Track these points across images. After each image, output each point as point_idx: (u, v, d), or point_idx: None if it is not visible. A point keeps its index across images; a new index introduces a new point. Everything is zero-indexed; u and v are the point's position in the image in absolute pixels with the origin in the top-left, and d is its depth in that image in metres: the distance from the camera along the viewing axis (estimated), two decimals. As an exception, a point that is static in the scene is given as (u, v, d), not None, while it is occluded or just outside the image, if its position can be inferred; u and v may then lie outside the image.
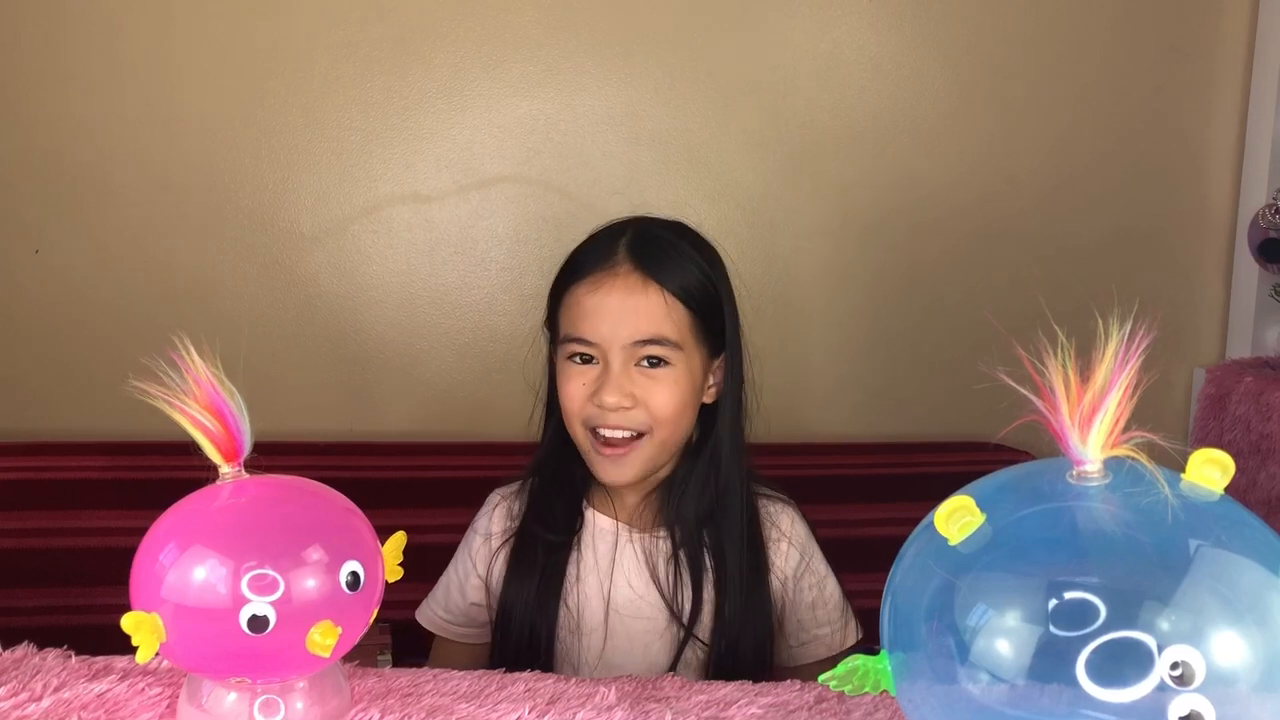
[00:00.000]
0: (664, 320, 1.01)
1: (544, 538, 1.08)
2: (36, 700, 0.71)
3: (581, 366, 1.03)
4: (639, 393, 1.01)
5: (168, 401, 0.67)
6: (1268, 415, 1.43)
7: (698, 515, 1.07)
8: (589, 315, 1.02)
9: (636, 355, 1.01)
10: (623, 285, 1.01)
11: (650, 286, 1.01)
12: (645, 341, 1.01)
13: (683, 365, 1.03)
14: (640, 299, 1.01)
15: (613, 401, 1.00)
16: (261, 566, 0.64)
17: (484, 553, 1.12)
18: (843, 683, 0.55)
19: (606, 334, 1.01)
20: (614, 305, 1.01)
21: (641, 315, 1.01)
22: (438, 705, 0.73)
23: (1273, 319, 1.72)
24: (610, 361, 1.01)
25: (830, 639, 1.12)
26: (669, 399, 1.02)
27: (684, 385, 1.03)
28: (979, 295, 1.77)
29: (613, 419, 1.01)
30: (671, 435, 1.04)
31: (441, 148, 1.72)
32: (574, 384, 1.03)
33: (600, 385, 1.01)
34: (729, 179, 1.74)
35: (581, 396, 1.02)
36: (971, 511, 0.52)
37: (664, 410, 1.02)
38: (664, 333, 1.01)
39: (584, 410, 1.03)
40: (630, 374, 1.01)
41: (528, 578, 1.07)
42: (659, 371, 1.02)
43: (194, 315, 1.71)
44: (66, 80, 1.66)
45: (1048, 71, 1.75)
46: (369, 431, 1.75)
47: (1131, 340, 0.52)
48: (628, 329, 1.01)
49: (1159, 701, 0.45)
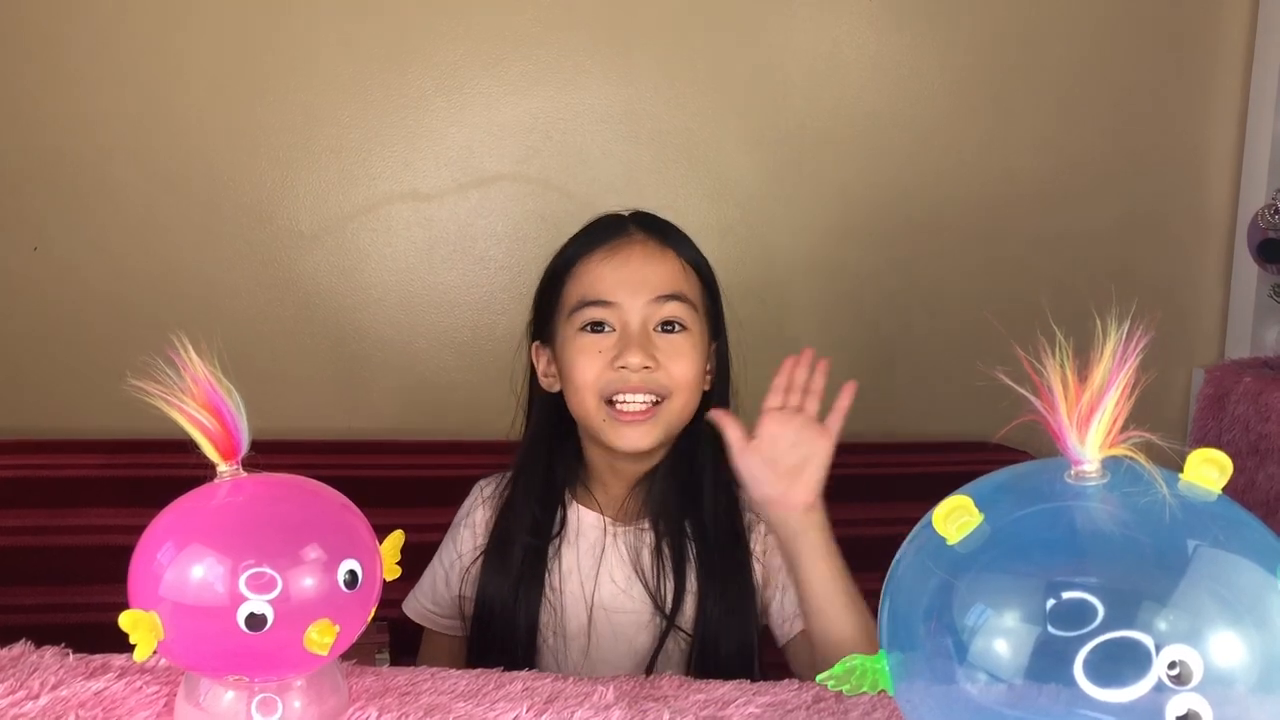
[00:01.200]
0: (682, 280, 1.04)
1: (522, 539, 1.07)
2: (34, 698, 0.71)
3: (595, 336, 1.02)
4: (660, 356, 1.01)
5: (166, 400, 0.67)
6: (1266, 415, 1.43)
7: (679, 504, 1.07)
8: (607, 277, 1.02)
9: (656, 316, 1.02)
10: (641, 250, 1.04)
11: (667, 251, 1.05)
12: (667, 297, 1.02)
13: (697, 332, 1.04)
14: (659, 261, 1.04)
15: (637, 361, 1.00)
16: (259, 565, 0.64)
17: (468, 545, 1.12)
18: (840, 682, 0.55)
19: (627, 294, 1.01)
20: (635, 265, 1.03)
21: (662, 273, 1.03)
22: (435, 704, 0.73)
23: (1272, 319, 1.72)
24: (629, 322, 1.01)
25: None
26: (688, 364, 1.03)
27: (699, 354, 1.04)
28: (978, 294, 1.77)
29: (635, 380, 1.01)
30: (686, 404, 1.04)
31: (440, 146, 1.72)
32: (588, 354, 1.02)
33: (622, 349, 1.00)
34: (728, 177, 1.74)
35: (598, 366, 1.01)
36: (970, 511, 0.52)
37: (684, 375, 1.02)
38: (681, 289, 1.03)
39: (601, 379, 1.01)
40: (650, 335, 1.02)
41: (506, 574, 1.07)
42: (677, 337, 1.03)
43: (193, 313, 1.71)
44: (66, 78, 1.66)
45: (1047, 71, 1.75)
46: (367, 430, 1.75)
47: (1130, 340, 0.52)
48: (650, 287, 1.02)
49: (1157, 701, 0.45)
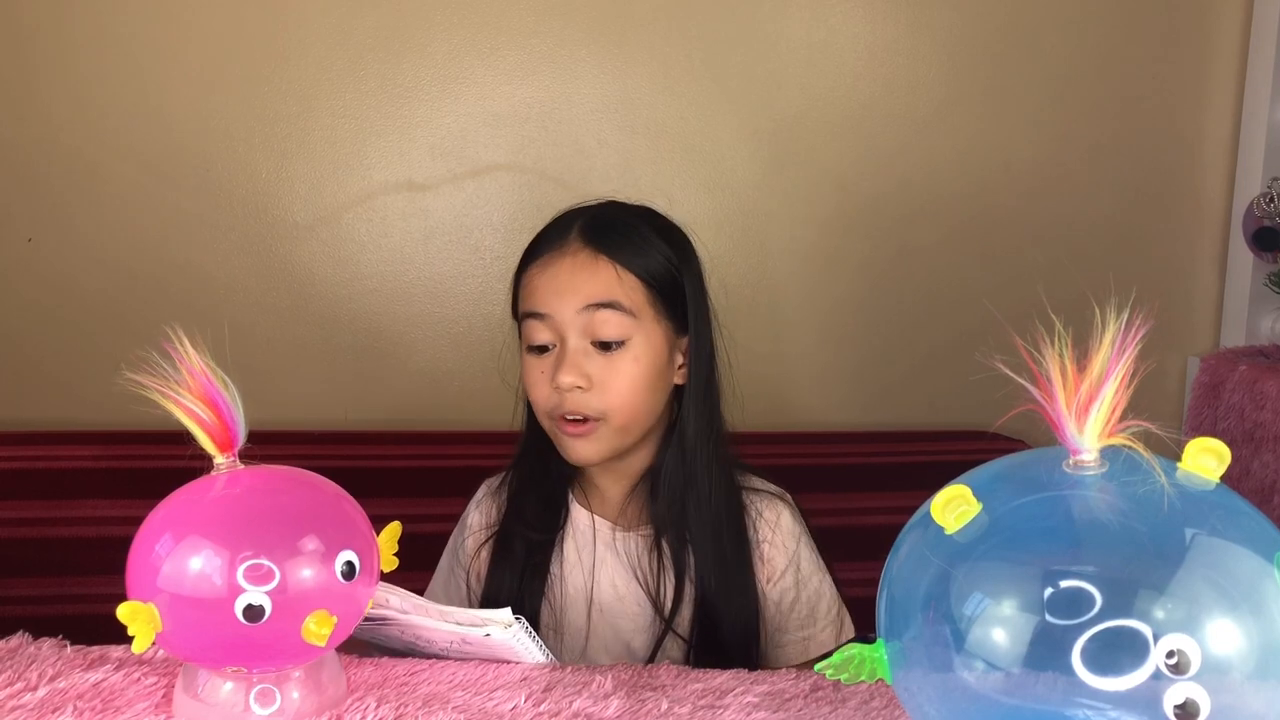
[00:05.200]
0: (615, 287, 0.99)
1: (524, 535, 1.06)
2: (32, 690, 0.71)
3: (539, 357, 1.01)
4: (595, 374, 0.98)
5: (161, 392, 0.67)
6: (1261, 404, 1.43)
7: (679, 506, 1.04)
8: (540, 289, 1.00)
9: (591, 327, 0.99)
10: (571, 261, 1.00)
11: (600, 260, 1.00)
12: (597, 305, 0.98)
13: (641, 339, 1.00)
14: (590, 270, 1.00)
15: (568, 381, 0.97)
16: (257, 556, 0.64)
17: (469, 544, 1.11)
18: (839, 671, 0.56)
19: (557, 304, 0.99)
20: (565, 276, 1.00)
21: (593, 283, 0.99)
22: (434, 694, 0.73)
23: (1267, 308, 1.72)
24: (565, 336, 0.99)
25: (802, 645, 1.08)
26: (627, 380, 0.99)
27: (644, 362, 1.00)
28: (974, 283, 1.77)
29: (569, 401, 0.99)
30: (633, 419, 1.01)
31: (436, 136, 1.71)
32: (533, 373, 1.01)
33: (555, 368, 0.99)
34: (723, 167, 1.74)
35: (544, 384, 1.00)
36: (968, 500, 0.52)
37: (620, 395, 0.99)
38: (615, 297, 0.99)
39: (548, 400, 1.00)
40: (587, 351, 0.99)
41: (509, 574, 1.06)
42: (615, 355, 0.99)
43: (188, 304, 1.70)
44: (61, 69, 1.65)
45: (1042, 59, 1.75)
46: (364, 421, 1.75)
47: (1128, 329, 0.51)
48: (579, 296, 0.98)
49: (1154, 690, 0.45)
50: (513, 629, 0.77)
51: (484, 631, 0.77)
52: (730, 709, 0.71)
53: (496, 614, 0.77)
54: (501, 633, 0.77)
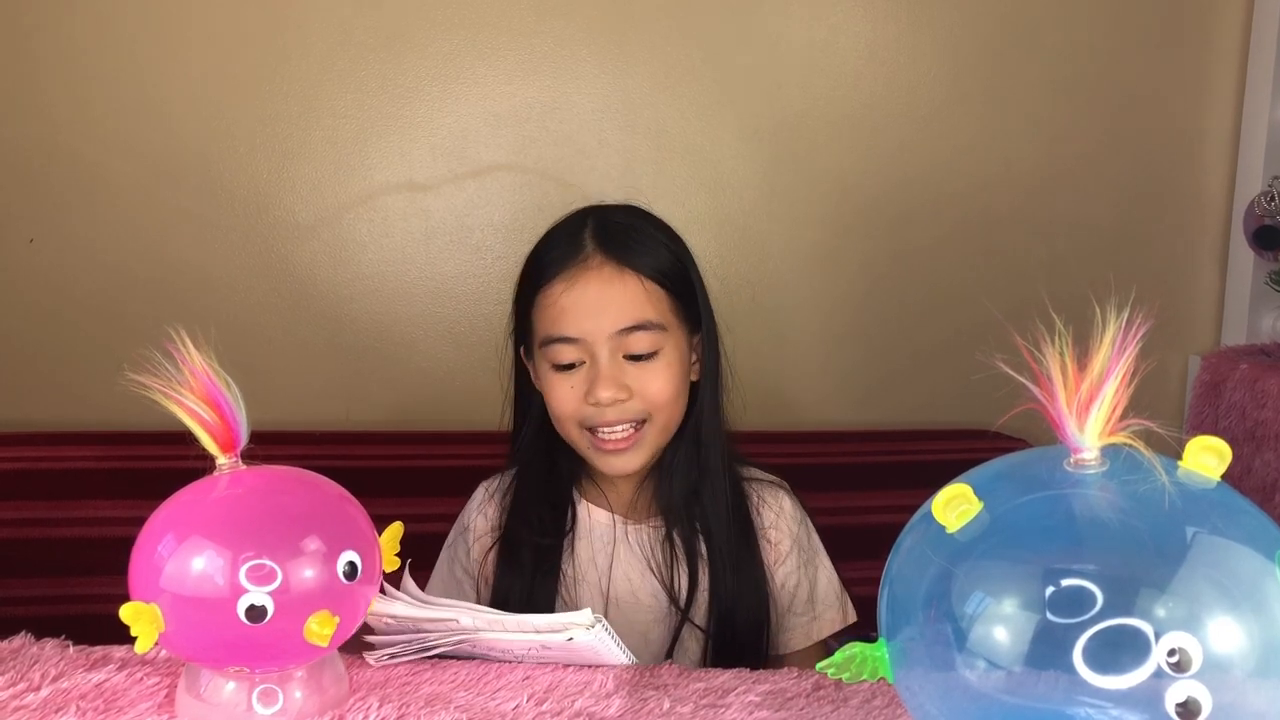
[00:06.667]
0: (645, 304, 1.00)
1: (532, 540, 1.06)
2: (35, 690, 0.71)
3: (567, 373, 1.00)
4: (632, 383, 0.99)
5: (164, 393, 0.67)
6: (1262, 402, 1.43)
7: (685, 495, 1.06)
8: (568, 312, 0.99)
9: (623, 346, 0.99)
10: (597, 277, 0.99)
11: (626, 274, 1.00)
12: (630, 329, 0.99)
13: (671, 347, 1.01)
14: (618, 288, 0.99)
15: (608, 396, 0.98)
16: (259, 557, 0.64)
17: (475, 550, 1.11)
18: (840, 670, 0.56)
19: (590, 328, 0.98)
20: (593, 297, 0.99)
21: (623, 303, 0.99)
22: (436, 694, 0.73)
23: (1268, 306, 1.72)
24: (598, 355, 0.99)
25: (808, 627, 1.10)
26: (664, 385, 1.00)
27: (676, 368, 1.02)
28: (975, 282, 1.77)
29: (610, 414, 0.99)
30: (671, 417, 1.03)
31: (437, 136, 1.71)
32: (562, 390, 1.01)
33: (591, 383, 0.98)
34: (724, 167, 1.74)
35: (574, 400, 1.00)
36: (969, 499, 0.52)
37: (660, 396, 1.00)
38: (647, 316, 0.99)
39: (579, 412, 1.00)
40: (620, 365, 0.99)
41: (519, 577, 1.06)
42: (648, 362, 1.00)
43: (190, 305, 1.70)
44: (60, 69, 1.65)
45: (1043, 58, 1.74)
46: (365, 421, 1.75)
47: (1128, 328, 0.51)
48: (610, 319, 0.98)
49: (1156, 688, 0.45)
50: (595, 630, 0.76)
51: (566, 636, 0.76)
52: (732, 708, 0.71)
53: (576, 616, 0.77)
54: (584, 635, 0.76)
